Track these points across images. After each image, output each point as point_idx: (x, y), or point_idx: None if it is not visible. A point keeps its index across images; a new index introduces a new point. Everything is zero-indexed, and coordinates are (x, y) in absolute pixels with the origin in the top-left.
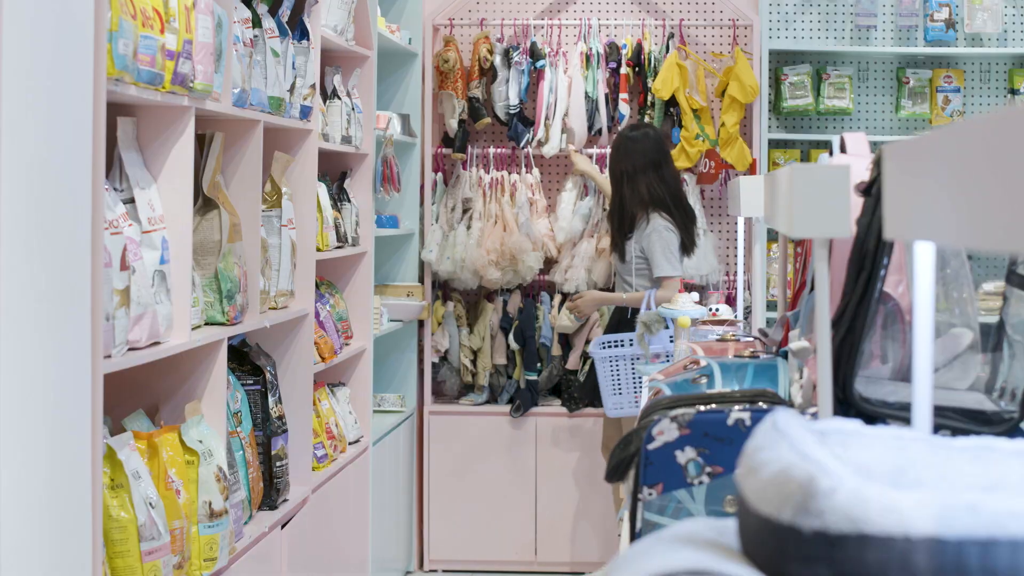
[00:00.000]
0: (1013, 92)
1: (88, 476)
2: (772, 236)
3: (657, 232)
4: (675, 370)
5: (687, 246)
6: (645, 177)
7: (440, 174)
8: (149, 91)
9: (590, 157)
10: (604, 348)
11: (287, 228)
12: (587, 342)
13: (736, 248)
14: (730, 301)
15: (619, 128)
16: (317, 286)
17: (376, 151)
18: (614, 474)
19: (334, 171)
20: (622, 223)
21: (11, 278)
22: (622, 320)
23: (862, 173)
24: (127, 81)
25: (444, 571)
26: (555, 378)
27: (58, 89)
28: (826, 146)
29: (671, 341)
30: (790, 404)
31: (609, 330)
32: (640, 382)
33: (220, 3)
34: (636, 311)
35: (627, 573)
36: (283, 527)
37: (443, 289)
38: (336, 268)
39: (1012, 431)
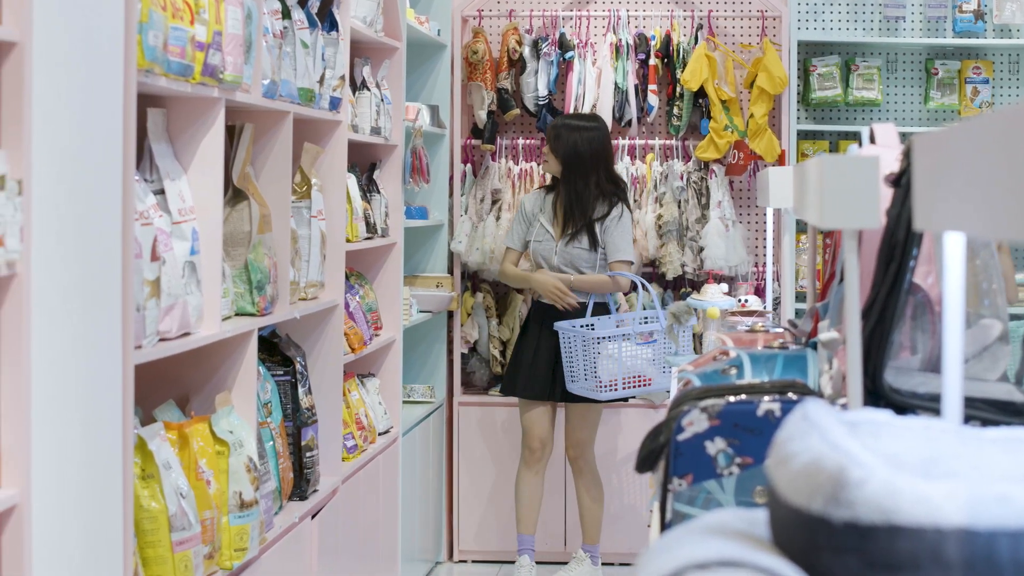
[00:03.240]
0: None
1: (119, 466)
2: (801, 227)
3: (624, 217)
4: (704, 361)
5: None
6: (604, 169)
7: (469, 165)
8: (179, 82)
9: (621, 148)
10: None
11: (317, 219)
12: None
13: (765, 239)
14: (759, 292)
15: (648, 118)
16: (347, 277)
17: (405, 142)
18: (644, 464)
19: (363, 162)
20: (584, 210)
21: (42, 270)
22: (542, 313)
23: (891, 164)
24: (157, 72)
25: (473, 562)
26: None
27: (89, 81)
28: (855, 137)
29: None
30: (820, 395)
31: (530, 321)
32: (600, 372)
33: None
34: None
35: (658, 563)
36: (313, 517)
37: (472, 280)
38: (366, 259)
39: None
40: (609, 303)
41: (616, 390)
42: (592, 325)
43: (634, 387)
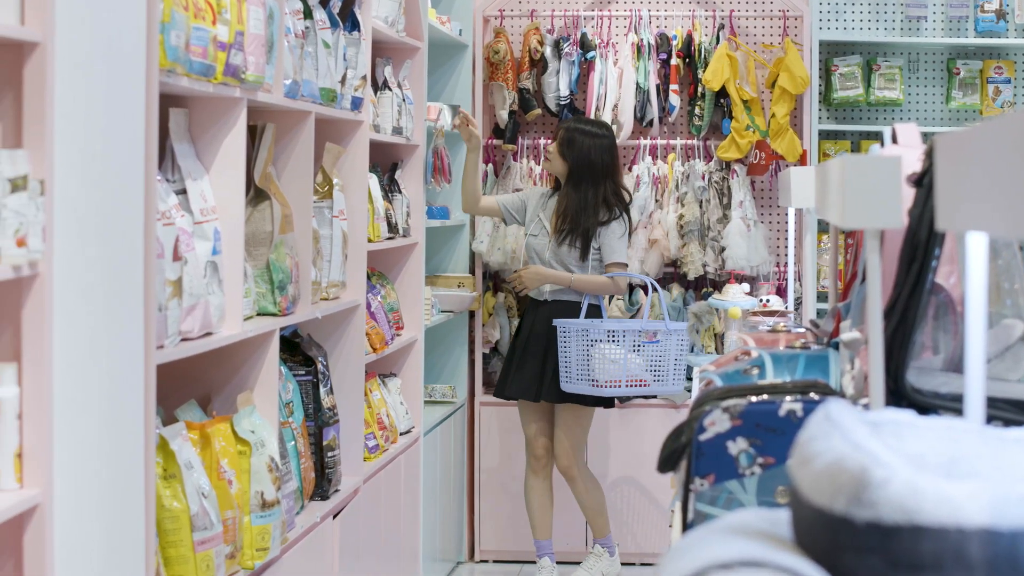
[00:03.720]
0: None
1: (141, 466)
2: (823, 227)
3: (618, 221)
4: (726, 361)
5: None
6: (611, 180)
7: (491, 165)
8: (201, 82)
9: (643, 148)
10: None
11: (338, 219)
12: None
13: (787, 239)
14: (781, 292)
15: (669, 118)
16: (368, 277)
17: (427, 142)
18: (666, 464)
19: (385, 162)
20: (583, 219)
21: (64, 270)
22: (535, 312)
23: (913, 164)
24: (179, 72)
25: (495, 562)
26: None
27: (111, 81)
28: (877, 137)
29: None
30: (842, 395)
31: (524, 321)
32: (598, 368)
33: None
34: (555, 303)
35: (680, 563)
36: (335, 517)
37: (494, 280)
38: (387, 259)
39: None
40: (602, 306)
41: (619, 387)
42: (585, 330)
43: (633, 386)
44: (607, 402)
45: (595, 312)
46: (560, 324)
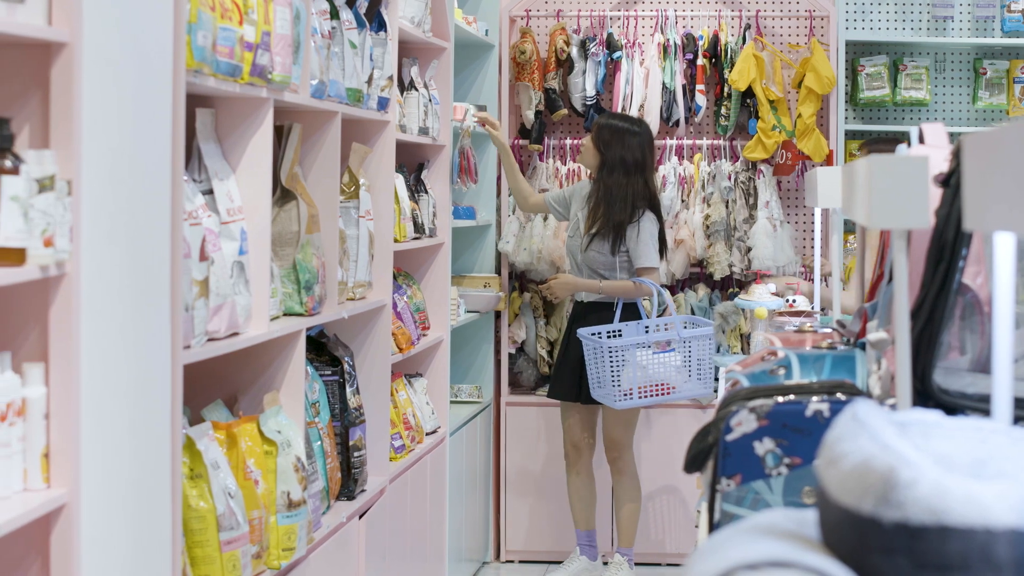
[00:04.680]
0: None
1: (168, 466)
2: (849, 227)
3: (648, 221)
4: (753, 361)
5: (663, 245)
6: (643, 175)
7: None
8: (228, 83)
9: (669, 149)
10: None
11: (365, 219)
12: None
13: (813, 239)
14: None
15: (696, 118)
16: (395, 277)
17: (453, 142)
18: (693, 465)
19: (411, 162)
20: (613, 213)
21: (91, 270)
22: (580, 315)
23: (940, 164)
24: (206, 73)
25: (520, 562)
26: None
27: (138, 81)
28: (903, 137)
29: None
30: (868, 395)
31: (571, 324)
32: (619, 381)
33: None
34: (592, 304)
35: (708, 564)
36: (361, 517)
37: (520, 280)
38: (413, 259)
39: None
40: (639, 308)
41: (632, 398)
42: (619, 332)
43: (653, 396)
44: None
45: (631, 313)
46: (582, 336)
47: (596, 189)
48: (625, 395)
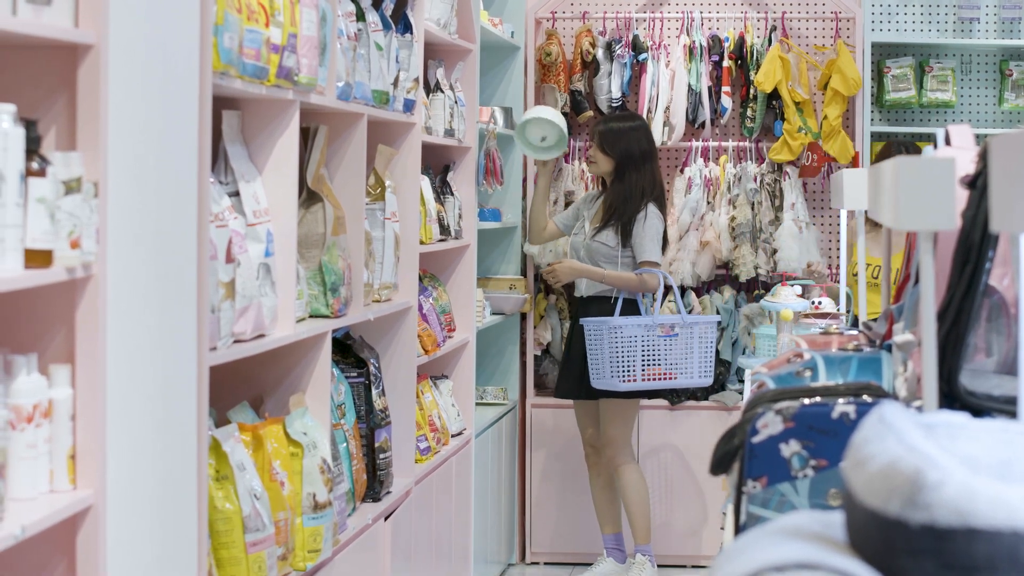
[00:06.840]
0: None
1: (194, 468)
2: None
3: (653, 217)
4: (779, 363)
5: (665, 242)
6: (650, 165)
7: None
8: (254, 85)
9: (695, 150)
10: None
11: (391, 221)
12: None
13: (839, 241)
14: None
15: (721, 120)
16: (420, 279)
17: (479, 144)
18: (719, 467)
19: (437, 164)
20: (626, 208)
21: (118, 271)
22: (580, 309)
23: (967, 166)
24: (232, 75)
25: (545, 563)
26: None
27: (164, 83)
28: (929, 139)
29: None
30: (895, 397)
31: (572, 320)
32: (623, 363)
33: None
34: (592, 298)
35: (734, 565)
36: (386, 519)
37: (545, 282)
38: (439, 261)
39: None
40: (639, 303)
41: (635, 381)
42: (607, 327)
43: (656, 380)
44: (648, 394)
45: (631, 309)
46: (585, 323)
47: (612, 191)
48: (628, 378)
